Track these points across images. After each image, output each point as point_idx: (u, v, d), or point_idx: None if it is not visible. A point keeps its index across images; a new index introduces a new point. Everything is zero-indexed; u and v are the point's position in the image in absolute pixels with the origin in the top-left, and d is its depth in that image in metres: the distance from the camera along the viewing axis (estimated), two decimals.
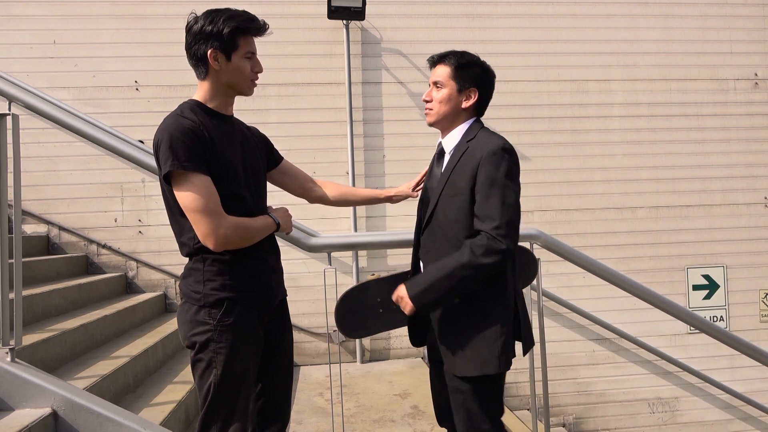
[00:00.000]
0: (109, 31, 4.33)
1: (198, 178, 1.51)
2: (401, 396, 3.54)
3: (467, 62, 1.82)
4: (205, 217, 1.50)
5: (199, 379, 1.59)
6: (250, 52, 1.64)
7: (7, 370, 1.82)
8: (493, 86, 1.89)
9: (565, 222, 4.73)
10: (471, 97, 1.83)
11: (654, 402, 4.75)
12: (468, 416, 1.74)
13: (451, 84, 1.82)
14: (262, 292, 1.66)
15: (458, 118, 1.85)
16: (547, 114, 4.73)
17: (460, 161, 1.76)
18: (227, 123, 1.68)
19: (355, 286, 2.15)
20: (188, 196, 1.50)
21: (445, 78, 1.82)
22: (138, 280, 4.30)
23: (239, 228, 1.56)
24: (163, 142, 1.51)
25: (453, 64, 1.81)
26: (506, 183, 1.67)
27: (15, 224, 2.16)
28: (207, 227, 1.51)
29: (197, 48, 1.59)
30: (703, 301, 4.89)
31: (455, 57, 1.82)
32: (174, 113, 1.59)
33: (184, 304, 1.61)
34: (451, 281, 1.67)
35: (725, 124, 4.97)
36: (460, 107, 1.83)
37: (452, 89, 1.82)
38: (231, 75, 1.62)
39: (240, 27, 1.59)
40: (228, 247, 1.56)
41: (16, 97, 3.10)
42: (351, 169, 4.47)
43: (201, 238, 1.53)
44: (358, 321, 2.10)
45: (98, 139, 3.02)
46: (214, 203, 1.52)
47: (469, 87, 1.82)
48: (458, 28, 4.67)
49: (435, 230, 1.81)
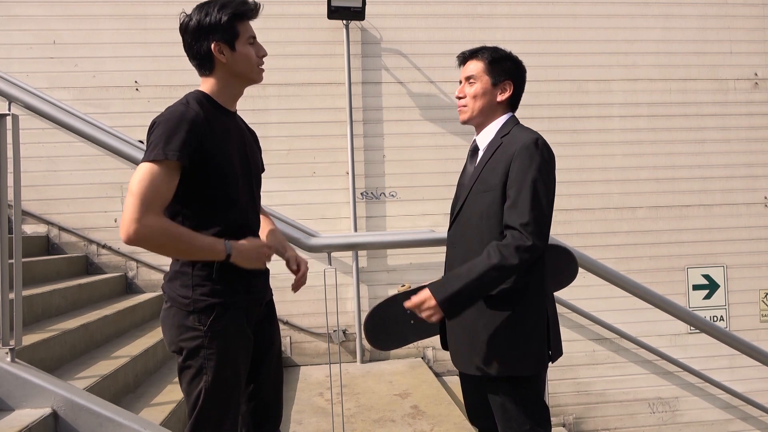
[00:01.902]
0: (109, 31, 4.33)
1: (164, 169, 1.41)
2: (401, 396, 3.54)
3: (500, 56, 1.82)
4: (139, 204, 1.38)
5: (187, 385, 1.54)
6: (251, 37, 1.59)
7: (7, 370, 1.82)
8: (525, 80, 1.89)
9: (565, 222, 4.73)
10: (506, 90, 1.83)
11: (654, 402, 4.75)
12: (506, 417, 1.73)
13: (485, 78, 1.81)
14: (251, 296, 1.63)
15: (494, 114, 1.84)
16: (547, 114, 4.73)
17: (492, 157, 1.75)
18: (231, 120, 1.63)
19: (383, 300, 2.14)
20: (140, 179, 1.40)
21: (479, 72, 1.81)
22: (138, 280, 4.30)
23: (166, 234, 1.43)
24: (158, 126, 1.46)
25: (487, 58, 1.81)
26: (538, 178, 1.65)
27: (15, 224, 2.16)
28: (134, 214, 1.37)
29: (199, 45, 1.53)
30: (703, 301, 4.89)
31: (488, 52, 1.83)
32: (179, 102, 1.54)
33: (170, 308, 1.56)
34: (480, 283, 1.62)
35: (725, 124, 4.97)
36: (495, 101, 1.82)
37: (486, 83, 1.81)
38: (239, 65, 1.57)
39: (236, 13, 1.53)
40: (140, 245, 1.41)
41: (16, 97, 3.11)
42: (351, 169, 4.47)
43: (123, 223, 1.39)
44: (389, 333, 2.10)
45: (98, 139, 3.02)
46: (160, 199, 1.42)
47: (504, 80, 1.82)
48: (458, 28, 4.67)
49: (464, 226, 1.80)
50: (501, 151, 1.74)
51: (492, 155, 1.76)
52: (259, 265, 1.60)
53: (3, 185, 1.93)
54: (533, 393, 1.75)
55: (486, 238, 1.70)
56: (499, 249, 1.62)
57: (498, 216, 1.69)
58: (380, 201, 4.57)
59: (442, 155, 4.61)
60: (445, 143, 4.61)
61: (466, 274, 1.64)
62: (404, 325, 2.09)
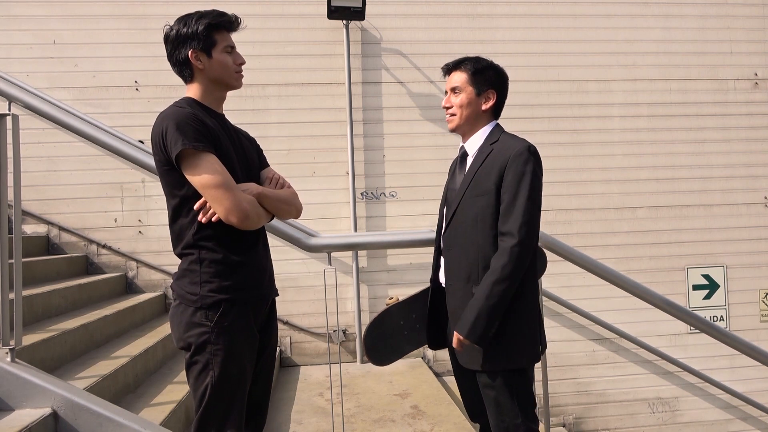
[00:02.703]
0: (109, 31, 4.33)
1: (211, 157, 1.53)
2: (401, 396, 3.54)
3: (483, 67, 1.92)
4: (228, 192, 1.52)
5: (194, 381, 1.58)
6: (228, 46, 1.69)
7: (7, 370, 1.82)
8: (507, 88, 1.99)
9: (565, 222, 4.73)
10: (490, 99, 1.93)
11: (654, 402, 4.75)
12: (499, 410, 1.82)
13: (469, 89, 1.91)
14: (257, 292, 1.67)
15: (479, 121, 1.94)
16: (547, 114, 4.73)
17: (485, 162, 1.85)
18: (221, 120, 1.71)
19: (377, 316, 2.21)
20: (206, 174, 1.51)
21: (462, 83, 1.92)
22: (138, 280, 4.30)
23: (254, 204, 1.59)
24: (169, 127, 1.53)
25: (470, 69, 1.91)
26: (531, 184, 1.78)
27: (15, 224, 2.16)
28: (230, 202, 1.52)
29: (178, 53, 1.65)
30: (703, 301, 4.89)
31: (471, 62, 1.93)
32: (172, 106, 1.61)
33: (179, 306, 1.60)
34: (490, 302, 1.74)
35: (725, 124, 4.97)
36: (480, 110, 1.93)
37: (471, 93, 1.91)
38: (215, 71, 1.66)
39: (212, 23, 1.64)
40: (249, 222, 1.57)
41: (16, 97, 3.10)
42: (351, 169, 4.47)
43: (223, 214, 1.53)
44: (387, 347, 2.18)
45: (98, 139, 3.02)
46: (232, 180, 1.55)
47: (488, 89, 1.92)
48: (458, 28, 4.67)
49: (458, 228, 1.89)
50: (493, 157, 1.85)
51: (484, 161, 1.86)
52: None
53: (3, 185, 1.93)
54: (525, 387, 1.85)
55: (480, 240, 1.81)
56: (494, 264, 1.75)
57: (492, 218, 1.80)
58: (380, 201, 4.57)
59: (442, 155, 4.61)
60: (445, 143, 4.61)
61: (476, 300, 1.77)
62: (399, 338, 2.18)
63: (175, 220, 1.62)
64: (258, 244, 1.71)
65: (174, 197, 1.60)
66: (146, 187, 4.32)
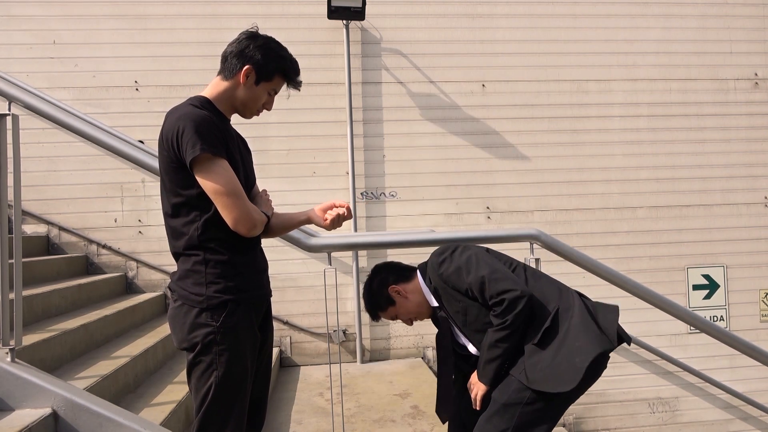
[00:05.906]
0: (109, 31, 4.33)
1: (225, 163, 1.55)
2: (401, 396, 3.54)
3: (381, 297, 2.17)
4: (238, 201, 1.55)
5: (197, 380, 1.58)
6: (274, 90, 1.72)
7: (7, 370, 1.82)
8: None
9: (565, 222, 4.73)
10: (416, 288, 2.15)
11: (654, 402, 4.75)
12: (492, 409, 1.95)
13: (404, 304, 2.15)
14: (259, 292, 1.69)
15: (419, 296, 2.14)
16: (547, 114, 4.73)
17: (445, 301, 2.04)
18: (230, 127, 1.72)
19: None
20: (220, 180, 1.52)
21: (392, 314, 2.17)
22: (138, 280, 4.30)
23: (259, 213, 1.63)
24: (186, 128, 1.51)
25: (383, 307, 2.17)
26: (468, 260, 1.96)
27: (15, 224, 2.16)
28: (240, 211, 1.55)
29: (243, 56, 1.64)
30: (703, 301, 4.89)
31: (380, 311, 2.18)
32: (187, 104, 1.60)
33: (181, 306, 1.58)
34: (490, 350, 1.94)
35: (725, 124, 4.97)
36: (418, 300, 2.15)
37: (407, 304, 2.15)
38: (246, 95, 1.68)
39: (284, 69, 1.70)
40: (254, 231, 1.60)
41: (16, 97, 3.09)
42: (351, 169, 4.47)
43: (232, 222, 1.55)
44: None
45: (98, 139, 3.01)
46: (242, 188, 1.58)
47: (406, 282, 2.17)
48: (458, 28, 4.66)
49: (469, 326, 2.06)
50: (446, 292, 2.02)
51: (444, 306, 2.06)
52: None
53: (3, 185, 1.93)
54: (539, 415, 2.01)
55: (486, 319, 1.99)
56: (493, 325, 1.92)
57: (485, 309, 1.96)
58: (380, 201, 4.57)
59: (442, 155, 4.61)
60: (445, 143, 4.61)
61: (483, 348, 1.97)
62: None
63: (175, 217, 1.61)
64: (258, 246, 1.75)
65: (177, 195, 1.59)
66: (146, 187, 4.32)
